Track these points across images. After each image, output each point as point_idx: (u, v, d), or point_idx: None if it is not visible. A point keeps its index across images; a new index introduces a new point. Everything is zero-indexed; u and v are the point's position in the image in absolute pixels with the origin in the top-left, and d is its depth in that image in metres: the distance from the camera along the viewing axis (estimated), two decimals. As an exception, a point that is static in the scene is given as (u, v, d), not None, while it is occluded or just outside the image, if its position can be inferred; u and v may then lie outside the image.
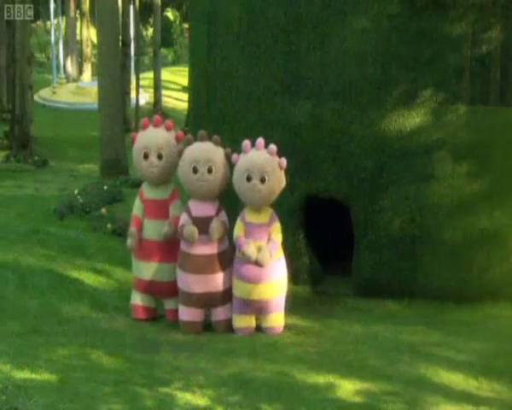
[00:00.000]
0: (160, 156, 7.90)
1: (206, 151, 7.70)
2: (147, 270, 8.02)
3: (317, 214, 9.46)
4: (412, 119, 8.75)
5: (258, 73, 9.41)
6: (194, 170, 7.66)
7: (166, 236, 7.86)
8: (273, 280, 7.70)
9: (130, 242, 7.96)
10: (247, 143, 7.71)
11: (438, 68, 8.69)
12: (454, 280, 8.86)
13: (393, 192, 8.86)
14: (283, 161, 7.65)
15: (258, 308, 7.77)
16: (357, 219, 9.05)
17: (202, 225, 7.67)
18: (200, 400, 5.92)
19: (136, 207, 8.12)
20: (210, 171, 7.65)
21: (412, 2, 8.63)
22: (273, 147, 7.63)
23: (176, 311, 8.09)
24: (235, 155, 7.74)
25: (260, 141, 7.67)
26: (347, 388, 6.27)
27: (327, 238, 9.63)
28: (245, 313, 7.84)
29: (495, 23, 8.65)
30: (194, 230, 7.61)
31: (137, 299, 8.18)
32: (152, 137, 7.94)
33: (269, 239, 7.65)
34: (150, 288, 8.08)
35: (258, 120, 9.43)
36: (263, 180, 7.54)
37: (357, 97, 8.86)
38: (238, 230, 7.72)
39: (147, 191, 8.12)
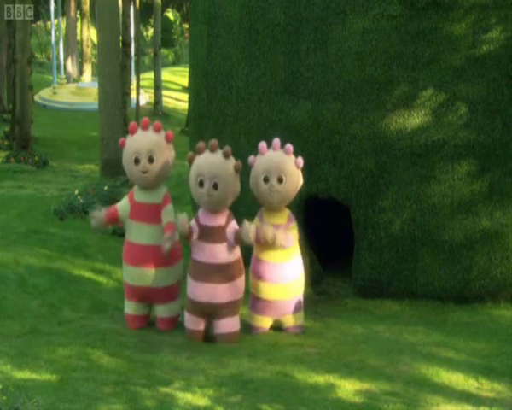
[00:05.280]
0: (151, 160, 7.66)
1: (213, 166, 7.35)
2: (137, 275, 7.75)
3: (317, 214, 9.45)
4: (412, 119, 8.75)
5: (259, 73, 9.41)
6: (201, 184, 7.41)
7: (168, 251, 7.52)
8: (290, 280, 7.69)
9: (94, 222, 7.86)
10: (263, 144, 7.67)
11: (438, 68, 8.69)
12: (454, 280, 8.85)
13: (394, 192, 8.85)
14: (300, 160, 7.67)
15: (276, 309, 7.74)
16: (357, 220, 9.05)
17: (210, 233, 7.41)
18: (200, 400, 5.92)
19: (122, 205, 7.87)
20: (216, 187, 7.34)
21: (412, 2, 8.63)
22: (289, 146, 7.63)
23: (167, 319, 7.93)
24: (251, 157, 7.69)
25: (277, 142, 7.64)
26: (347, 388, 6.27)
27: (327, 238, 9.62)
28: (260, 312, 7.79)
29: (496, 23, 8.65)
30: (186, 221, 7.33)
31: (130, 309, 7.94)
32: (141, 141, 7.67)
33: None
34: (141, 294, 7.81)
35: (258, 120, 9.43)
36: (280, 180, 7.51)
37: (358, 98, 8.86)
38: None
39: (138, 194, 7.83)
